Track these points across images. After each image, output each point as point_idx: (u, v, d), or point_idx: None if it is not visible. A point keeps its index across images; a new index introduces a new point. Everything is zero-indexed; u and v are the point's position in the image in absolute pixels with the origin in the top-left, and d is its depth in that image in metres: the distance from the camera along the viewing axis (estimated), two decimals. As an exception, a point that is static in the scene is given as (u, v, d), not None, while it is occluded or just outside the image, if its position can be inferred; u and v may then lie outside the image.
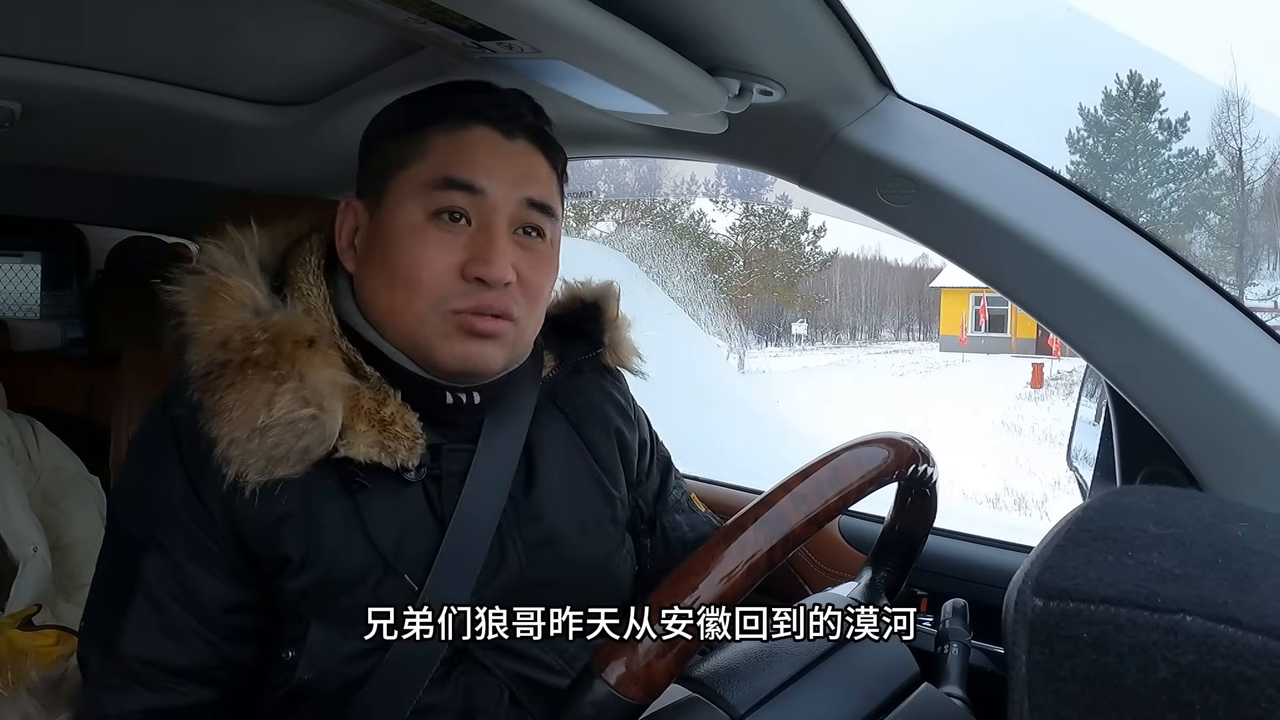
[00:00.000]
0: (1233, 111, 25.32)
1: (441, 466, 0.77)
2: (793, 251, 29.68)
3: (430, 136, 0.76)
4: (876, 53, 0.78)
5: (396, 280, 0.75)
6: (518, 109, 0.78)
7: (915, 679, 0.67)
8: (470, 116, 0.76)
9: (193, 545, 0.73)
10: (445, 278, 0.74)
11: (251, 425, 0.70)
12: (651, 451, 0.97)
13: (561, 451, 0.86)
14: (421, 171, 0.75)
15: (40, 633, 1.33)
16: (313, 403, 0.71)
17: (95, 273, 2.10)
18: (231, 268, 0.76)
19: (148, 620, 0.72)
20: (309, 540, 0.73)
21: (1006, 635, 0.40)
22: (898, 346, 33.55)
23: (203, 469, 0.72)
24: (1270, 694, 0.32)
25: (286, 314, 0.75)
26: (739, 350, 20.71)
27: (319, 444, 0.71)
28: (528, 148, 0.78)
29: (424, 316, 0.74)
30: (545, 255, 0.79)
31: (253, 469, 0.70)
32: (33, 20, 0.86)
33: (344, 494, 0.74)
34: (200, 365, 0.73)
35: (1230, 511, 0.41)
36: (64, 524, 1.57)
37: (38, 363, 1.94)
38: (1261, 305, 20.60)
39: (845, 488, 0.58)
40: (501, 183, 0.75)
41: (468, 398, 0.79)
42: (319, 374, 0.72)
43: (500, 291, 0.74)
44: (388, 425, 0.74)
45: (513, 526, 0.79)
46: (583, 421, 0.89)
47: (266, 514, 0.72)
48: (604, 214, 25.00)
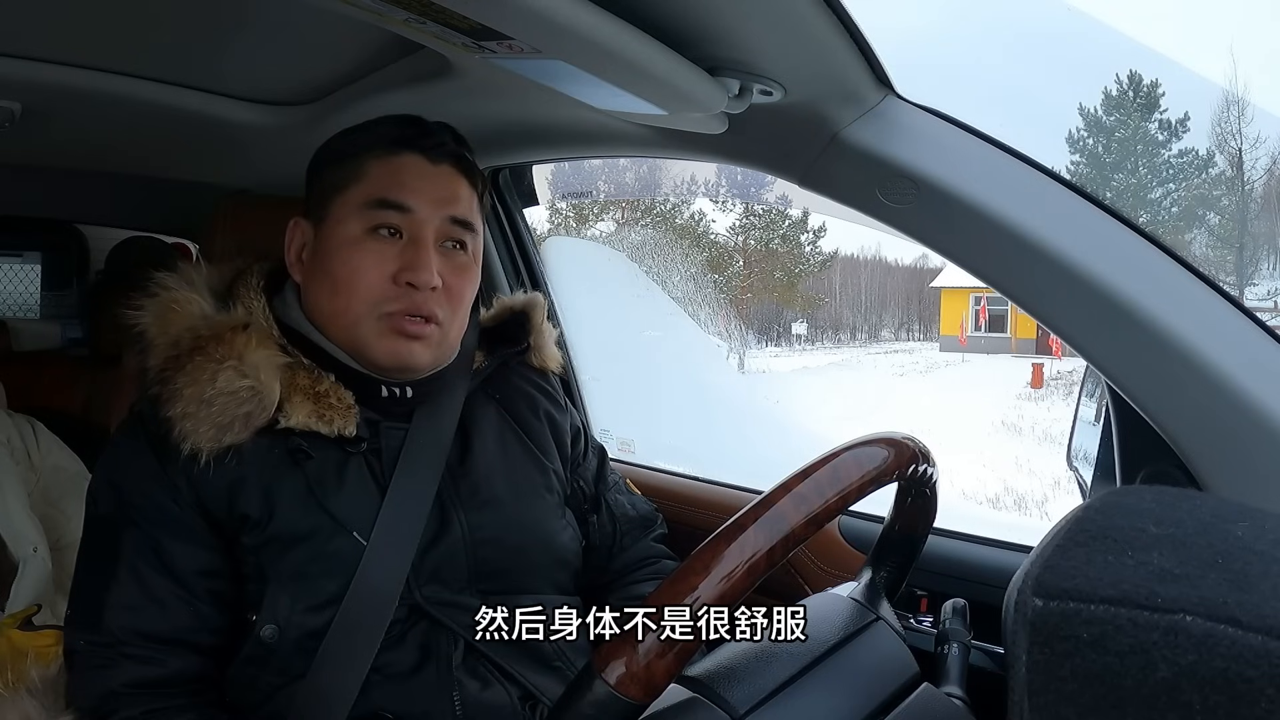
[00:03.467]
0: (1233, 111, 25.30)
1: (381, 441, 0.87)
2: (793, 251, 29.66)
3: (366, 162, 0.87)
4: (876, 52, 0.78)
5: (338, 287, 0.85)
6: (442, 139, 0.90)
7: (915, 679, 0.68)
8: (401, 144, 0.87)
9: (164, 515, 0.82)
10: (379, 284, 0.84)
11: (199, 399, 0.80)
12: (585, 438, 1.08)
13: (493, 428, 0.96)
14: (359, 193, 0.86)
15: (40, 633, 1.32)
16: (250, 376, 0.81)
17: (95, 273, 2.10)
18: (181, 288, 0.88)
19: (129, 590, 0.80)
20: (263, 501, 0.82)
21: (1006, 635, 0.40)
22: (898, 346, 33.52)
23: (165, 447, 0.81)
24: (1270, 694, 0.32)
25: (228, 314, 0.87)
26: (739, 350, 20.69)
27: (260, 411, 0.81)
28: (451, 172, 0.89)
29: (360, 318, 0.85)
30: (466, 264, 0.90)
31: (204, 437, 0.80)
32: (33, 20, 0.86)
33: (292, 464, 0.84)
34: (157, 365, 0.84)
35: (1230, 511, 0.41)
36: (64, 524, 1.57)
37: (38, 363, 1.94)
38: (1261, 305, 20.56)
39: (845, 488, 0.58)
40: (428, 202, 0.86)
41: (401, 391, 0.89)
42: (255, 354, 0.83)
43: (427, 295, 0.85)
44: (322, 398, 0.85)
45: (452, 494, 0.89)
46: (513, 404, 1.00)
47: (221, 480, 0.82)
48: (604, 214, 24.99)
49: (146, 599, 0.80)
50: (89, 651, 0.80)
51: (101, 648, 0.79)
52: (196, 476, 0.81)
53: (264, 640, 0.81)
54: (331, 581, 0.81)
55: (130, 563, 0.81)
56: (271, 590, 0.81)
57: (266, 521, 0.82)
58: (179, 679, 0.80)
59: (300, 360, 0.87)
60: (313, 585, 0.82)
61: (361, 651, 0.81)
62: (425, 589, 0.84)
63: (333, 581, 0.81)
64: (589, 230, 23.46)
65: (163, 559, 0.81)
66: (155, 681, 0.79)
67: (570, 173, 1.48)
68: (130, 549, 0.81)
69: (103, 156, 1.30)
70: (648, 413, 1.01)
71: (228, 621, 0.84)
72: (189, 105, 1.07)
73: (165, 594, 0.81)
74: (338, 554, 0.82)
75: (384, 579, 0.82)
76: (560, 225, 24.90)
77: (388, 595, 0.82)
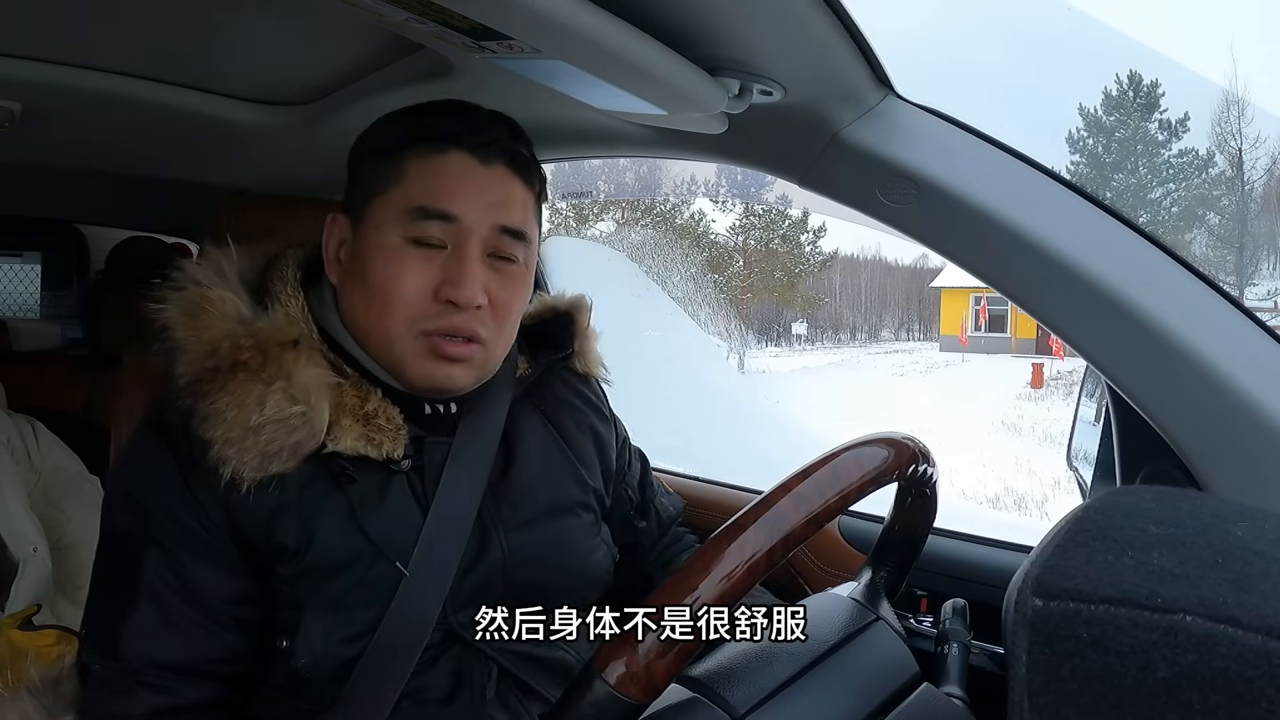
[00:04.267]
0: (1233, 111, 25.32)
1: (424, 457, 0.81)
2: (793, 251, 29.67)
3: (407, 161, 0.78)
4: (876, 52, 0.78)
5: (373, 297, 0.78)
6: (495, 134, 0.80)
7: (915, 679, 0.68)
8: (447, 141, 0.78)
9: (191, 539, 0.76)
10: (418, 299, 0.77)
11: (245, 425, 0.74)
12: (629, 447, 1.03)
13: (536, 439, 0.90)
14: (399, 198, 0.78)
15: (40, 633, 1.33)
16: (301, 400, 0.75)
17: (95, 273, 2.10)
18: (213, 282, 0.80)
19: (149, 617, 0.75)
20: (302, 530, 0.76)
21: (1006, 635, 0.40)
22: (898, 346, 33.54)
23: (197, 469, 0.75)
24: (1270, 694, 0.32)
25: (269, 320, 0.79)
26: (739, 350, 20.70)
27: (309, 439, 0.75)
28: (504, 173, 0.80)
29: (397, 335, 0.78)
30: (516, 277, 0.82)
31: (249, 466, 0.74)
32: (33, 20, 0.86)
33: (334, 487, 0.78)
34: (190, 374, 0.77)
35: (1230, 511, 0.41)
36: (64, 524, 1.57)
37: (38, 363, 1.94)
38: (1261, 305, 20.59)
39: (845, 488, 0.58)
40: (475, 209, 0.78)
41: (445, 408, 0.83)
42: (305, 373, 0.76)
43: (469, 314, 0.78)
44: (371, 419, 0.78)
45: (493, 512, 0.83)
46: (557, 416, 0.94)
47: (261, 507, 0.76)
48: (604, 214, 25.00)
49: (167, 627, 0.75)
50: (104, 675, 0.76)
51: (117, 674, 0.75)
52: (234, 503, 0.75)
53: (298, 672, 0.76)
54: (369, 611, 0.77)
55: (151, 589, 0.75)
56: (307, 620, 0.76)
57: (305, 550, 0.76)
58: (198, 707, 0.76)
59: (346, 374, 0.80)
60: (350, 615, 0.77)
61: (394, 677, 0.77)
62: (461, 614, 0.79)
63: (370, 611, 0.77)
64: (589, 230, 23.47)
65: (187, 585, 0.75)
66: (173, 709, 0.75)
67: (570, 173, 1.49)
68: (151, 573, 0.75)
69: (103, 156, 1.30)
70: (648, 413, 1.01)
71: (254, 647, 0.79)
72: (189, 105, 1.07)
73: (188, 623, 0.75)
74: (377, 582, 0.77)
75: (422, 605, 0.77)
76: (560, 225, 24.89)
77: (424, 622, 0.77)
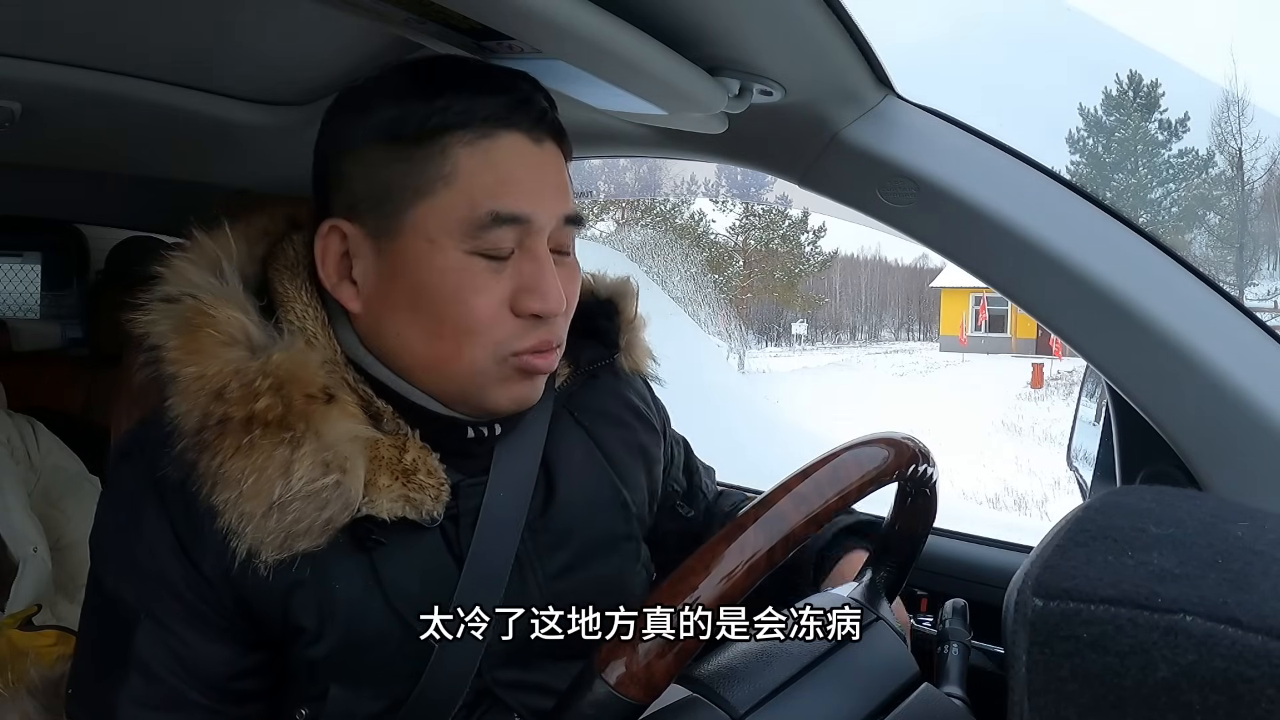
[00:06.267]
0: (1233, 111, 25.33)
1: (459, 504, 0.70)
2: (793, 251, 29.69)
3: (454, 151, 0.64)
4: (876, 52, 0.78)
5: (443, 329, 0.65)
6: (539, 104, 0.67)
7: (915, 679, 0.67)
8: (497, 122, 0.65)
9: (191, 614, 0.65)
10: (499, 320, 0.65)
11: (268, 500, 0.60)
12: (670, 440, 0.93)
13: (579, 466, 0.79)
14: (456, 201, 0.63)
15: (40, 633, 1.33)
16: (335, 466, 0.62)
17: (95, 273, 2.10)
18: (213, 290, 0.65)
19: (143, 694, 0.65)
20: (323, 607, 0.66)
21: (1006, 635, 0.40)
22: (898, 346, 33.57)
23: (200, 540, 0.63)
24: (1270, 694, 0.32)
25: (288, 350, 0.64)
26: (739, 350, 20.72)
27: (343, 511, 0.63)
28: (554, 152, 0.69)
29: (481, 366, 0.66)
30: (574, 267, 0.72)
31: (269, 546, 0.61)
32: (33, 20, 0.86)
33: (358, 551, 0.66)
34: (193, 419, 0.62)
35: (1230, 511, 0.41)
36: (64, 524, 1.57)
37: (38, 363, 1.94)
38: (1261, 305, 20.62)
39: (845, 488, 0.57)
40: (543, 205, 0.66)
41: (490, 430, 0.72)
42: (337, 429, 0.63)
43: (553, 322, 0.67)
44: (411, 475, 0.66)
45: (531, 554, 0.73)
46: (600, 431, 0.82)
47: (277, 584, 0.64)
48: (604, 214, 25.01)
49: (164, 708, 0.65)
50: None
51: None
52: (244, 581, 0.64)
53: None
54: (399, 684, 0.68)
55: (145, 665, 0.65)
56: (332, 695, 0.67)
57: (326, 631, 0.66)
58: None
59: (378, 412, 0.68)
60: (378, 690, 0.68)
61: None
62: (499, 671, 0.71)
63: (401, 684, 0.68)
64: (589, 230, 23.46)
65: (184, 662, 0.65)
66: None
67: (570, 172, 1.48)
68: (146, 648, 0.65)
69: (103, 156, 1.30)
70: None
71: (262, 713, 0.70)
72: (189, 105, 1.07)
73: (186, 702, 0.66)
74: (408, 655, 0.67)
75: (456, 670, 0.68)
76: (560, 225, 24.82)
77: (458, 686, 0.68)
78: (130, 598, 0.66)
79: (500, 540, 0.70)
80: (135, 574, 0.66)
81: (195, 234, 0.69)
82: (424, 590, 0.68)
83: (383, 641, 0.67)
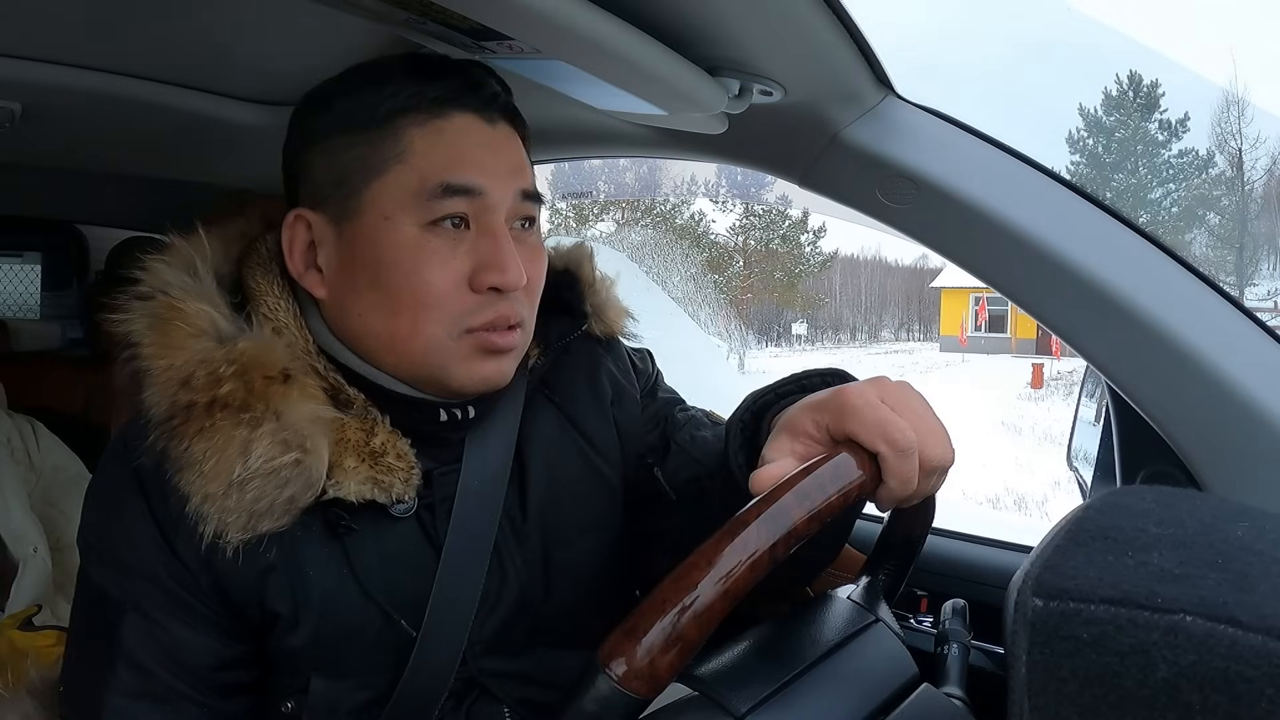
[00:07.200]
0: (1233, 111, 25.34)
1: (434, 493, 0.71)
2: (793, 252, 29.71)
3: (405, 131, 0.66)
4: (876, 52, 0.78)
5: (400, 305, 0.66)
6: (491, 88, 0.70)
7: (915, 679, 0.67)
8: (446, 103, 0.67)
9: (174, 603, 0.67)
10: (456, 294, 0.66)
11: (228, 479, 0.61)
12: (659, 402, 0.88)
13: (555, 449, 0.79)
14: (407, 176, 0.65)
15: (40, 633, 1.33)
16: (294, 445, 0.62)
17: (95, 273, 2.10)
18: (185, 286, 0.66)
19: (130, 688, 0.66)
20: (296, 594, 0.67)
21: (1006, 635, 0.40)
22: (898, 347, 33.57)
23: (176, 525, 0.65)
24: (1270, 694, 0.32)
25: (253, 339, 0.66)
26: (739, 350, 20.71)
27: (305, 491, 0.63)
28: (509, 132, 0.71)
29: (437, 341, 0.66)
30: (538, 246, 0.72)
31: (233, 526, 0.62)
32: (33, 20, 0.86)
33: (330, 537, 0.68)
34: (162, 408, 0.64)
35: (1230, 511, 0.41)
36: (64, 524, 1.57)
37: (38, 363, 1.94)
38: (1261, 305, 20.62)
39: (847, 484, 0.57)
40: (497, 178, 0.67)
41: (462, 413, 0.72)
42: (297, 410, 0.64)
43: (512, 299, 0.67)
44: (379, 457, 0.67)
45: (510, 543, 0.74)
46: (574, 408, 0.81)
47: (249, 568, 0.66)
48: (604, 214, 25.02)
49: (151, 700, 0.67)
50: None
51: None
52: (218, 564, 0.65)
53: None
54: (382, 675, 0.69)
55: (132, 656, 0.66)
56: (315, 685, 0.69)
57: (302, 618, 0.67)
58: None
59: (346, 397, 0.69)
60: (361, 680, 0.69)
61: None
62: (483, 660, 0.72)
63: (383, 675, 0.69)
64: (589, 230, 23.48)
65: (170, 653, 0.67)
66: None
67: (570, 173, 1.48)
68: (132, 639, 0.66)
69: (103, 156, 1.30)
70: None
71: (249, 707, 0.71)
72: (189, 105, 1.07)
73: (172, 694, 0.67)
74: (389, 645, 0.69)
75: (439, 660, 0.69)
76: (560, 225, 24.91)
77: (443, 676, 0.69)
78: (115, 591, 0.67)
79: (477, 528, 0.71)
80: (118, 566, 0.68)
81: (172, 237, 0.71)
82: (403, 580, 0.69)
83: (362, 631, 0.68)
